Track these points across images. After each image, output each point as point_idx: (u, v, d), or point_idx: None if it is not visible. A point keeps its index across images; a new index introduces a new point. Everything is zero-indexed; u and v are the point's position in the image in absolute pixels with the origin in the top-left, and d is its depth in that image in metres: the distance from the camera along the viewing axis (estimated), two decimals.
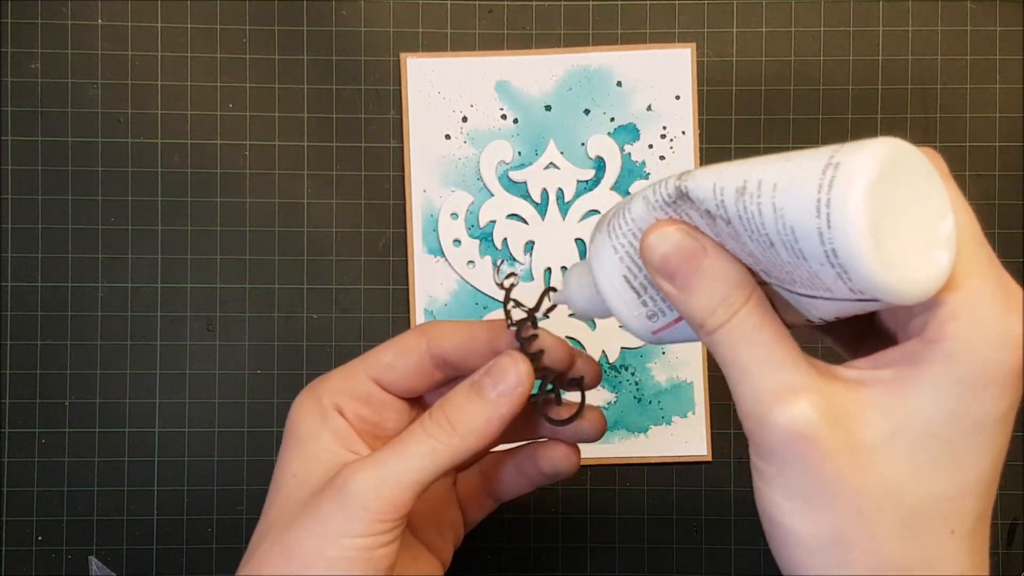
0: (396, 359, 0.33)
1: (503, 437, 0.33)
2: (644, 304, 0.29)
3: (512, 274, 0.33)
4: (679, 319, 0.29)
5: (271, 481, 0.33)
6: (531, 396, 0.32)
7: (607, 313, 0.30)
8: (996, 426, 0.24)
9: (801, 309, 0.27)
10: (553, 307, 0.33)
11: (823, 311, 0.26)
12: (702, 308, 0.26)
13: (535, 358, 0.32)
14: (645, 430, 0.48)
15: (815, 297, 0.25)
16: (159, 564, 0.48)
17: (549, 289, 0.33)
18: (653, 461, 0.48)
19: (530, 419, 0.34)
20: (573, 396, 0.34)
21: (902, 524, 0.24)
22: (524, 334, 0.32)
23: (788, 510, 0.25)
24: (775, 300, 0.27)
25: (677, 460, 0.48)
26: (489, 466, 0.37)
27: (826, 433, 0.24)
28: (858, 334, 0.29)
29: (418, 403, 0.35)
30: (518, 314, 0.33)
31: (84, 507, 0.48)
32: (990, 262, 0.25)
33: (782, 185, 0.23)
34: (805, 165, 0.23)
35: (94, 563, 0.48)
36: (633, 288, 0.29)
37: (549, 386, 0.33)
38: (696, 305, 0.26)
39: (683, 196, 0.26)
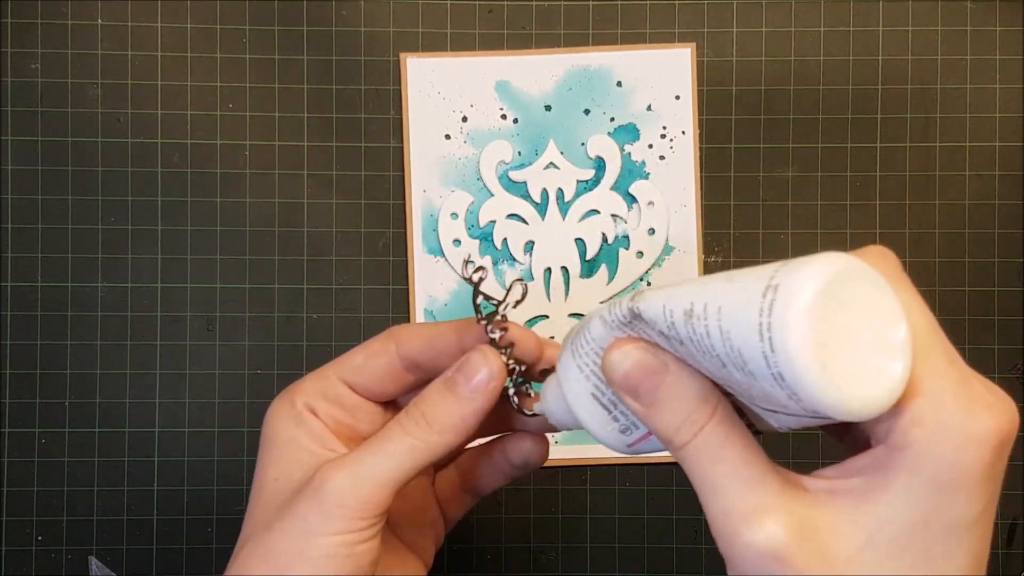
0: (366, 362, 0.33)
1: (480, 431, 0.33)
2: (615, 419, 0.29)
3: (480, 268, 0.33)
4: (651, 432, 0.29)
5: (252, 487, 0.33)
6: (503, 389, 0.32)
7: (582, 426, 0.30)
8: (972, 527, 0.24)
9: (767, 420, 0.26)
10: (522, 299, 0.33)
11: (788, 423, 0.26)
12: (667, 425, 0.26)
13: (506, 351, 0.32)
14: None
15: (776, 412, 0.25)
16: (159, 564, 0.48)
17: (516, 281, 0.33)
18: (653, 461, 0.48)
19: (506, 412, 0.34)
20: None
21: None
22: (493, 328, 0.32)
23: None
24: (744, 408, 0.27)
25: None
26: (465, 462, 0.37)
27: (797, 551, 0.24)
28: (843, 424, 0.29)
29: (392, 407, 0.35)
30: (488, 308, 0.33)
31: (84, 507, 0.48)
32: (950, 364, 0.24)
33: (726, 308, 0.23)
34: (747, 287, 0.23)
35: (94, 563, 0.48)
36: (603, 405, 0.29)
37: (520, 379, 0.33)
38: (661, 421, 0.26)
39: (637, 317, 0.26)
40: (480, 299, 0.33)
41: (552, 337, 0.48)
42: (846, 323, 0.22)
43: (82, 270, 0.48)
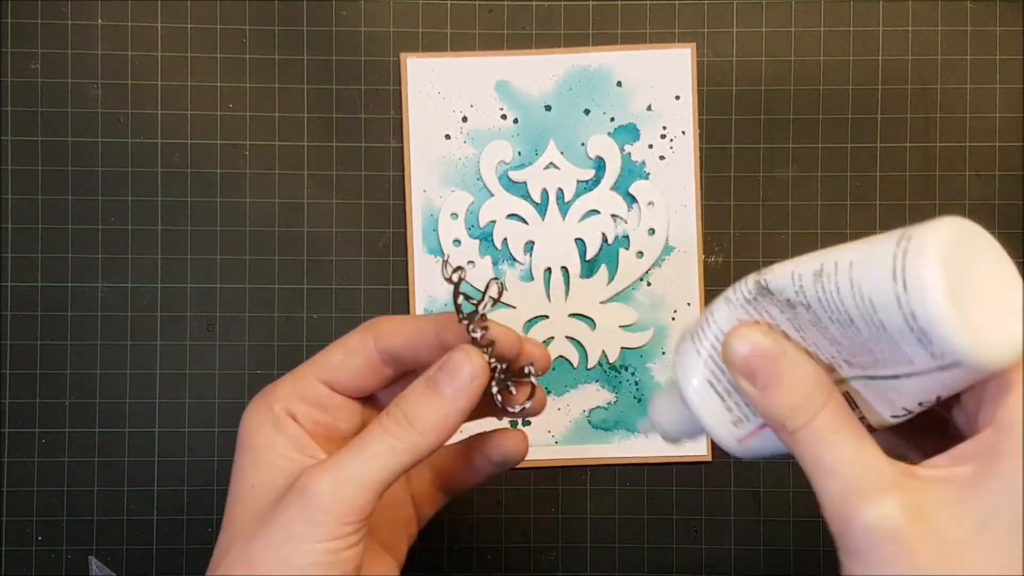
0: (345, 359, 0.33)
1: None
2: (729, 409, 0.30)
3: (459, 268, 0.33)
4: (764, 425, 0.30)
5: (228, 494, 0.32)
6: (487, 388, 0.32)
7: (696, 429, 0.31)
8: None
9: (883, 399, 0.27)
10: (499, 298, 0.33)
11: (906, 395, 0.26)
12: (783, 408, 0.27)
13: (487, 350, 0.32)
14: None
15: (898, 377, 0.26)
16: (159, 564, 0.48)
17: (492, 280, 0.33)
18: (653, 461, 0.48)
19: (482, 407, 0.34)
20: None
21: None
22: (474, 327, 0.32)
23: None
24: (854, 403, 0.28)
25: (677, 460, 0.48)
26: (440, 461, 0.37)
27: (913, 532, 0.24)
28: (932, 435, 0.29)
29: (371, 402, 0.35)
30: (468, 307, 0.33)
31: (84, 507, 0.48)
32: None
33: (858, 261, 0.25)
34: (879, 242, 0.25)
35: (94, 563, 0.48)
36: (717, 392, 0.30)
37: (502, 377, 0.33)
38: (777, 405, 0.27)
39: (763, 291, 0.28)
40: (460, 299, 0.33)
41: (552, 338, 0.48)
42: (969, 277, 0.24)
43: (82, 270, 0.48)
